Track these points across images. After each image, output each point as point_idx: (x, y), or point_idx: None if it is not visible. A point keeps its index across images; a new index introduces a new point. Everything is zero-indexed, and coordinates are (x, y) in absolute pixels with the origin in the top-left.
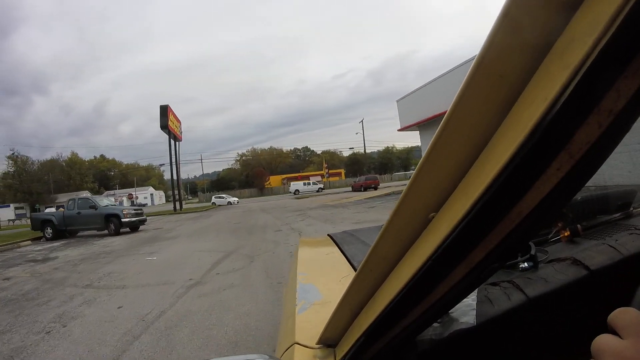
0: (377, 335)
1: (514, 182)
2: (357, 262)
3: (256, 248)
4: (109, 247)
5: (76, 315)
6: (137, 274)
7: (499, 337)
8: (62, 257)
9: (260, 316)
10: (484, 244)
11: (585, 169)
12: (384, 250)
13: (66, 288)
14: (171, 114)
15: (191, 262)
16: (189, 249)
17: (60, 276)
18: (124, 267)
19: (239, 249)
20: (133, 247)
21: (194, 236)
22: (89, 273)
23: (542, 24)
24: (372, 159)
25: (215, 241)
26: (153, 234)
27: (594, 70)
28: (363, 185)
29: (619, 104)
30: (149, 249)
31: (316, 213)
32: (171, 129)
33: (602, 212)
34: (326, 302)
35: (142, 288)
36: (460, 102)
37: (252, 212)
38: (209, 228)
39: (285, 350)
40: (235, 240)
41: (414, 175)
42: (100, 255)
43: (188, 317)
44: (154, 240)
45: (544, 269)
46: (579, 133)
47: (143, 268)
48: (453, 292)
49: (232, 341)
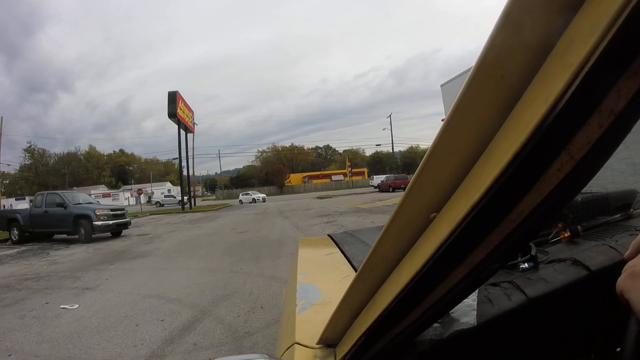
0: (378, 335)
1: (514, 182)
2: (357, 262)
3: (259, 299)
4: (48, 267)
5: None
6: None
7: (500, 338)
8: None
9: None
10: (485, 245)
11: (586, 169)
12: (384, 250)
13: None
14: (181, 101)
15: (123, 330)
16: (145, 289)
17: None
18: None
19: (227, 300)
20: (79, 269)
21: (174, 254)
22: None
23: (543, 24)
24: (395, 159)
25: (195, 272)
26: (130, 243)
27: (595, 70)
28: (391, 185)
29: (620, 105)
30: (92, 278)
31: (349, 221)
32: (181, 118)
33: (602, 213)
34: (326, 302)
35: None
36: (462, 103)
37: (267, 215)
38: (203, 240)
39: (285, 350)
40: (227, 272)
41: (415, 176)
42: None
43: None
44: (117, 258)
45: (544, 269)
46: (580, 134)
47: (23, 342)
48: (453, 292)
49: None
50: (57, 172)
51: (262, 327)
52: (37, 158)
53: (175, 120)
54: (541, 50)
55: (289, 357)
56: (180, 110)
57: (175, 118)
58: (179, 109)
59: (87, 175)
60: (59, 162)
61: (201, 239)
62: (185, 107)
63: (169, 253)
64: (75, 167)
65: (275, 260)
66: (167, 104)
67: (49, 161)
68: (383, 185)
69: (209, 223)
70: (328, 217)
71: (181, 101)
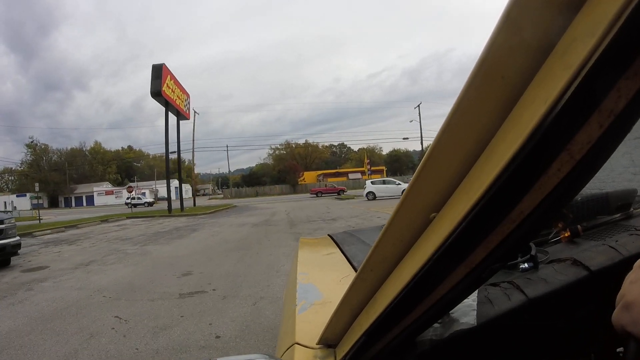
0: (378, 335)
1: (515, 182)
2: (357, 262)
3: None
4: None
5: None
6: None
7: (500, 338)
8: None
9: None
10: (485, 245)
11: (586, 169)
12: (385, 250)
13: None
14: (170, 78)
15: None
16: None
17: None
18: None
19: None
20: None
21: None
22: None
23: (544, 24)
24: (412, 158)
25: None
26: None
27: (595, 71)
28: (321, 192)
29: (620, 105)
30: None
31: None
32: (169, 99)
33: (602, 212)
34: (326, 302)
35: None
36: (462, 103)
37: (270, 229)
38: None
39: (285, 350)
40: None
41: (415, 175)
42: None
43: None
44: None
45: (544, 269)
46: (580, 134)
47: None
48: (454, 292)
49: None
50: (59, 168)
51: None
52: (39, 154)
53: (162, 101)
54: (541, 51)
55: (289, 357)
56: (167, 88)
57: (160, 97)
58: (165, 86)
59: (93, 171)
60: (62, 158)
61: (84, 307)
62: (176, 87)
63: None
64: (79, 163)
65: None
66: (151, 79)
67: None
68: (313, 190)
69: (164, 247)
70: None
71: (169, 77)
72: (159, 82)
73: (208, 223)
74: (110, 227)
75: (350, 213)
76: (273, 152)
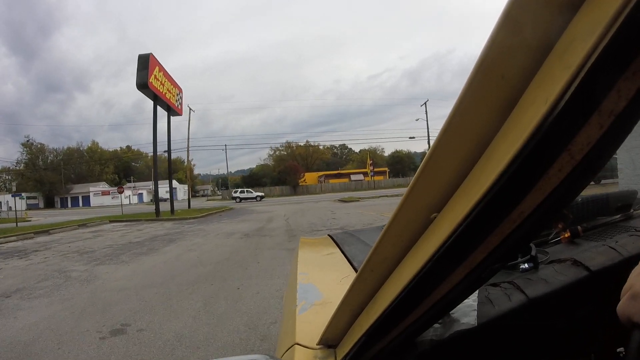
0: (378, 335)
1: (515, 183)
2: (357, 262)
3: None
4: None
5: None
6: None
7: (500, 338)
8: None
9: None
10: (485, 245)
11: (586, 170)
12: (385, 250)
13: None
14: (159, 70)
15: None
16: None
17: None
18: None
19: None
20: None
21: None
22: None
23: (543, 24)
24: (414, 160)
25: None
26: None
27: (595, 71)
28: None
29: (620, 105)
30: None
31: None
32: (157, 91)
33: (602, 213)
34: (327, 302)
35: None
36: (462, 103)
37: (263, 240)
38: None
39: (285, 351)
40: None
41: (416, 176)
42: None
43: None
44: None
45: (545, 269)
46: (580, 134)
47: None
48: (454, 292)
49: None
50: (55, 168)
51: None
52: (35, 153)
53: (150, 94)
54: (541, 51)
55: (289, 358)
56: (155, 80)
57: (147, 90)
58: (152, 77)
59: (90, 171)
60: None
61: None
62: (166, 79)
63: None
64: (75, 162)
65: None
66: (137, 70)
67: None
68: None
69: (121, 268)
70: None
71: (158, 69)
72: (146, 73)
73: (192, 231)
74: (84, 233)
75: (360, 220)
76: (273, 153)
